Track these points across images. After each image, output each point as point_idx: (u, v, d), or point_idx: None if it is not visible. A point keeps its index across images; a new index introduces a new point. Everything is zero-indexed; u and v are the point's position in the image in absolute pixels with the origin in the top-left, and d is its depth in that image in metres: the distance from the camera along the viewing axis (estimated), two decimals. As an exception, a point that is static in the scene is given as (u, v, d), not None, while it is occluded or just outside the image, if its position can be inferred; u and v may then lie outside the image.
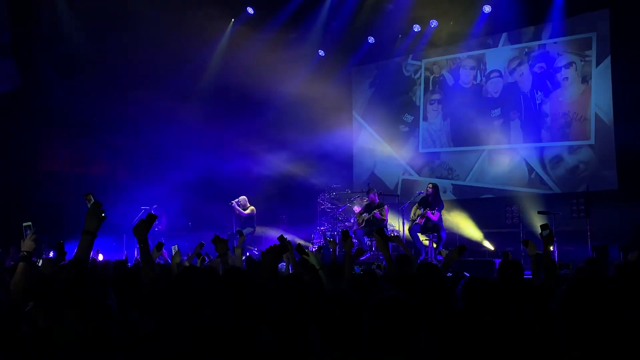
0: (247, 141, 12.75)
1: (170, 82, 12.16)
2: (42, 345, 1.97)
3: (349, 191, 12.74)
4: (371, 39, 13.36)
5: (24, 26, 11.42)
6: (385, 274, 4.64)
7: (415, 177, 13.05)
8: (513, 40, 11.98)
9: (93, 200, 3.02)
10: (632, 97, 10.19)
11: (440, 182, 11.19)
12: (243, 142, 12.77)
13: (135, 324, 2.80)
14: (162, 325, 2.41)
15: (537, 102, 11.54)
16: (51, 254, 8.56)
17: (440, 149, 12.89)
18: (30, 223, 3.20)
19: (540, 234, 4.23)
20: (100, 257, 8.52)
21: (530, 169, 11.54)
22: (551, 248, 4.19)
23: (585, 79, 11.02)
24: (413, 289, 3.25)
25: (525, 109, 11.69)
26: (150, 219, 3.31)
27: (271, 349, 2.40)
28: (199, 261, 5.65)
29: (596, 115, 10.84)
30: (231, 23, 13.10)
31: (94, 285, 2.44)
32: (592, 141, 10.87)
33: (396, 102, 13.61)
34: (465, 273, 5.67)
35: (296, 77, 12.74)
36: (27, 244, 3.14)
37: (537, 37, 11.65)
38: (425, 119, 13.16)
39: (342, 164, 13.78)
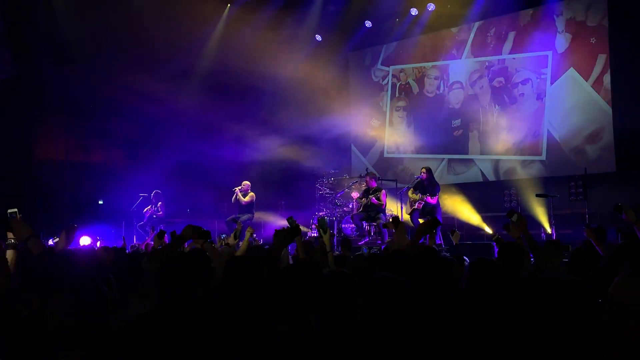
0: (244, 127, 12.71)
1: (166, 68, 12.08)
2: (40, 329, 1.96)
3: (347, 176, 12.74)
4: (368, 23, 13.26)
5: (18, 14, 11.31)
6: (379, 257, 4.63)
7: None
8: (476, 53, 12.22)
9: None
10: (630, 82, 10.17)
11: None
12: (241, 127, 12.72)
13: (135, 309, 2.80)
14: (159, 310, 2.41)
15: (494, 115, 11.85)
16: (50, 242, 8.56)
17: (404, 155, 13.22)
18: (15, 209, 3.12)
19: (510, 221, 4.17)
20: (99, 244, 8.52)
21: (486, 180, 11.96)
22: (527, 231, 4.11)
23: (540, 96, 11.30)
24: (409, 271, 3.25)
25: (483, 122, 12.02)
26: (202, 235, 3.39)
27: (273, 333, 2.40)
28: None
29: (548, 132, 11.15)
30: (227, 7, 12.99)
31: (87, 270, 2.44)
32: (543, 157, 11.22)
33: (366, 104, 13.95)
34: (465, 257, 5.67)
35: (293, 61, 12.65)
36: (23, 231, 3.00)
37: (497, 51, 11.88)
38: (390, 124, 13.50)
39: (339, 149, 13.77)
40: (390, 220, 6.87)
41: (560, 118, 11.05)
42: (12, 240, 3.04)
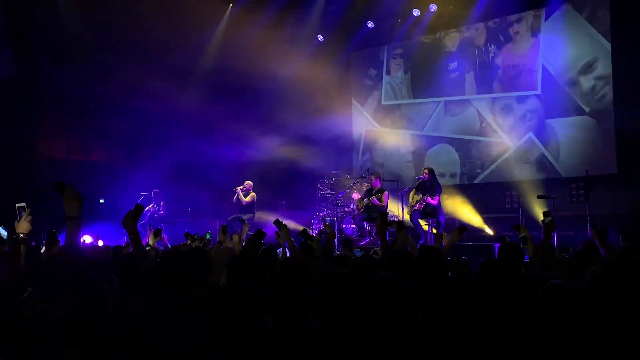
0: (246, 126, 12.70)
1: (168, 67, 12.08)
2: (42, 329, 1.96)
3: (348, 177, 12.73)
4: (370, 24, 13.26)
5: (19, 13, 11.31)
6: (381, 259, 4.64)
7: (378, 128, 13.82)
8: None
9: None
10: (631, 83, 10.15)
11: (400, 133, 12.75)
12: (242, 127, 12.72)
13: (135, 307, 2.80)
14: (156, 308, 2.41)
15: (490, 55, 12.12)
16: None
17: (401, 100, 13.46)
18: (24, 204, 3.10)
19: (543, 220, 4.19)
20: (100, 242, 8.52)
21: (482, 119, 12.22)
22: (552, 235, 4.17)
23: (535, 33, 11.60)
24: (412, 272, 3.25)
25: (479, 62, 12.31)
26: (137, 210, 3.23)
27: (271, 333, 2.40)
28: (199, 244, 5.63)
29: (543, 67, 11.41)
30: (229, 7, 12.99)
31: (88, 270, 2.43)
32: (538, 91, 11.48)
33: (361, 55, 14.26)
34: (463, 257, 5.67)
35: (295, 62, 12.65)
36: (22, 226, 3.03)
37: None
38: (388, 72, 13.73)
39: (341, 149, 13.77)
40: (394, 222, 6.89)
41: (555, 52, 11.30)
42: (22, 236, 3.00)
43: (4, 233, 4.51)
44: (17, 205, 3.10)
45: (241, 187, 11.28)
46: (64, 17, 11.53)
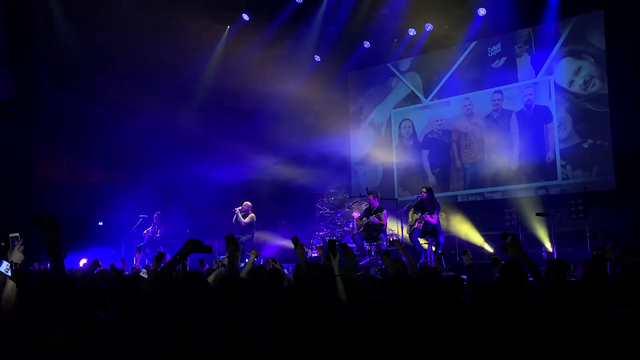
0: (244, 147, 12.73)
1: (166, 89, 12.15)
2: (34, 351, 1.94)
3: (347, 196, 12.72)
4: (367, 44, 13.38)
5: (20, 35, 11.40)
6: (385, 279, 4.61)
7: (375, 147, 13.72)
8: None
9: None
10: (628, 97, 10.21)
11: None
12: (241, 148, 12.75)
13: (135, 334, 2.77)
14: (161, 335, 2.39)
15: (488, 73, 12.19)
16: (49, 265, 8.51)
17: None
18: (17, 234, 3.12)
19: (506, 242, 4.17)
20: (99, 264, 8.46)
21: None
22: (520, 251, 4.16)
23: (529, 50, 11.67)
24: (413, 292, 3.23)
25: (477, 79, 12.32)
26: (204, 249, 3.23)
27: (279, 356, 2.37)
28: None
29: (537, 84, 11.63)
30: (227, 30, 13.11)
31: (84, 297, 2.41)
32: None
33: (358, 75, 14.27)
34: (463, 276, 5.66)
35: (292, 82, 12.73)
36: (15, 256, 3.02)
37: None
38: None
39: (340, 168, 13.78)
40: (391, 240, 6.88)
41: (549, 69, 11.34)
42: (15, 266, 2.99)
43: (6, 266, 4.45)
44: (11, 235, 3.11)
45: (240, 207, 11.27)
46: (63, 40, 11.63)
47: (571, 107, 11.10)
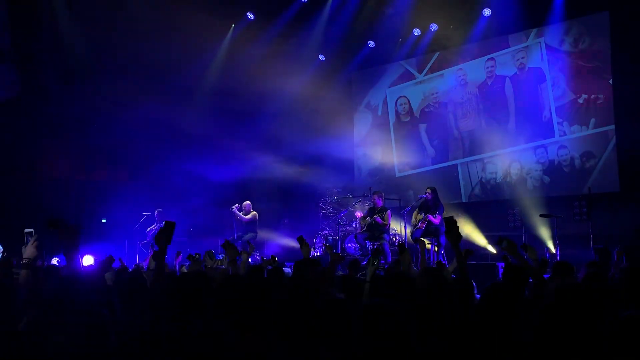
0: (248, 146, 12.75)
1: (171, 88, 12.16)
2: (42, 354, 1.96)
3: (350, 195, 12.72)
4: (371, 43, 13.37)
5: (24, 33, 11.43)
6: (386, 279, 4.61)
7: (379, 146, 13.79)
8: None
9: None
10: (632, 101, 10.18)
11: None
12: (244, 147, 12.77)
13: (140, 330, 2.78)
14: (163, 332, 2.40)
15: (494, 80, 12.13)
16: (53, 261, 8.56)
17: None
18: (32, 230, 3.19)
19: (502, 247, 4.16)
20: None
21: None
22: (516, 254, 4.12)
23: (536, 52, 11.57)
24: (413, 293, 3.23)
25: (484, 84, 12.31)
26: (167, 227, 3.19)
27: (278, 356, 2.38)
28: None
29: (543, 88, 11.48)
30: (231, 28, 13.13)
31: (89, 295, 2.43)
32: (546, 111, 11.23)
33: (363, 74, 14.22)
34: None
35: (297, 81, 12.75)
36: (29, 251, 3.10)
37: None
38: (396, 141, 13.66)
39: (343, 168, 13.77)
40: (396, 245, 6.87)
41: (554, 72, 11.27)
42: (27, 261, 3.06)
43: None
44: (25, 230, 3.18)
45: (236, 205, 11.32)
46: (68, 38, 11.66)
47: (563, 66, 11.15)
